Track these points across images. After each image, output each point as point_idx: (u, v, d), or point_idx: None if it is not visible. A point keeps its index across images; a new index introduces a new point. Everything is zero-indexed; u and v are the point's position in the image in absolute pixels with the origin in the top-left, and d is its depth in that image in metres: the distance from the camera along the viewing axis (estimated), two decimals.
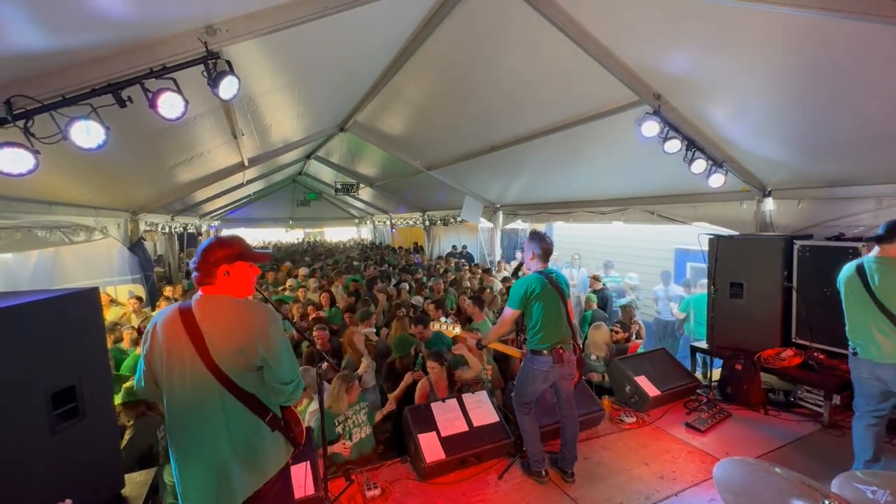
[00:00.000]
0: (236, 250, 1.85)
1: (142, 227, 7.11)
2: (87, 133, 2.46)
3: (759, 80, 3.32)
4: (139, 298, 5.88)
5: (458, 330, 3.43)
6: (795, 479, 1.39)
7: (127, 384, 3.35)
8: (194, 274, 1.85)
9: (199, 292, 1.84)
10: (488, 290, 6.72)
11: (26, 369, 1.87)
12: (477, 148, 6.63)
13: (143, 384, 1.84)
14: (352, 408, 3.31)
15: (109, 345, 4.41)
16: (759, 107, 3.65)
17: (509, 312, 3.02)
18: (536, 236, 3.07)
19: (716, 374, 4.56)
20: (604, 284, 7.23)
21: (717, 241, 4.54)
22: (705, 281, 6.65)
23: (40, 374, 1.93)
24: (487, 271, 8.51)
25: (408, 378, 3.71)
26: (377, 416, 3.49)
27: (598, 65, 3.67)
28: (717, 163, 4.26)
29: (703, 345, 4.78)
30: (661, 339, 7.24)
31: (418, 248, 14.25)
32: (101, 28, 2.41)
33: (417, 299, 6.48)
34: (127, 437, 3.13)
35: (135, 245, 6.87)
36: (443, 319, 3.58)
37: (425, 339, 4.40)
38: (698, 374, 4.76)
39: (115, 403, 3.38)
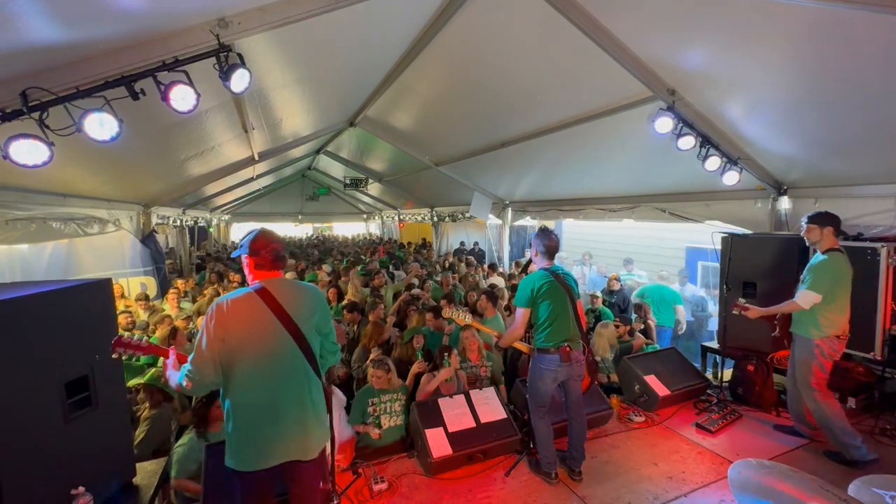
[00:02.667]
0: None
1: (154, 219, 7.20)
2: (100, 125, 2.48)
3: (776, 75, 3.24)
4: (146, 297, 5.93)
5: (468, 319, 3.40)
6: (813, 483, 1.35)
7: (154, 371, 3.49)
8: (257, 258, 2.03)
9: (256, 279, 2.05)
10: (498, 287, 6.69)
11: (41, 358, 1.90)
12: (486, 144, 6.59)
13: (204, 375, 1.85)
14: (388, 394, 3.39)
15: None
16: (776, 103, 3.57)
17: (520, 312, 2.98)
18: (542, 234, 3.04)
19: (727, 374, 4.50)
20: (622, 285, 7.05)
21: (730, 239, 4.46)
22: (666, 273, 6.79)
23: (54, 363, 1.96)
24: (493, 267, 8.48)
25: (416, 367, 3.72)
26: None
27: (611, 59, 3.61)
28: (731, 160, 4.18)
29: (715, 345, 4.72)
30: (675, 339, 7.10)
31: (426, 245, 14.26)
32: (114, 21, 2.42)
33: (416, 292, 6.49)
34: (145, 428, 3.18)
35: (147, 238, 6.95)
36: (455, 307, 3.55)
37: (441, 331, 4.42)
38: (709, 375, 4.70)
39: (140, 383, 3.47)
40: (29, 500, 1.84)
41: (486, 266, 8.89)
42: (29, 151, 2.38)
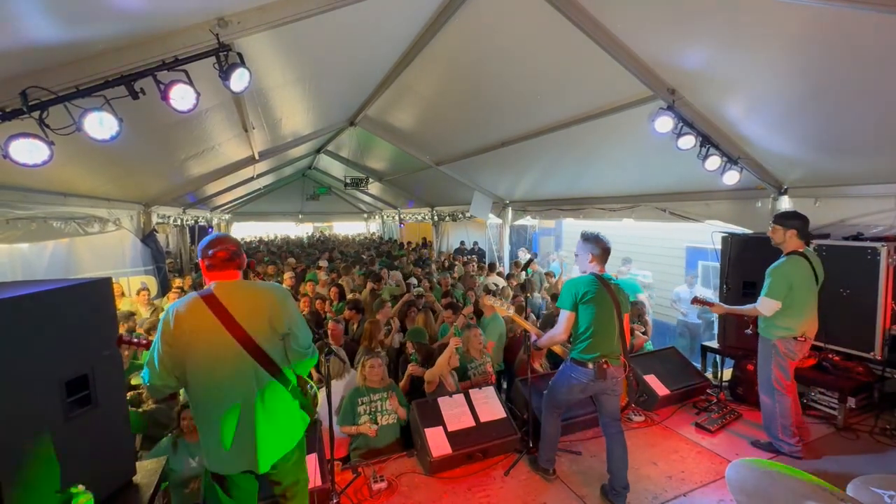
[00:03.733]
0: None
1: (154, 219, 7.20)
2: (100, 124, 2.47)
3: (777, 75, 3.23)
4: (147, 290, 5.95)
5: (511, 311, 3.24)
6: (811, 483, 1.35)
7: None
8: (209, 259, 1.99)
9: (212, 282, 2.00)
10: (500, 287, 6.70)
11: (41, 357, 1.90)
12: (486, 143, 6.59)
13: (155, 379, 1.90)
14: (378, 393, 3.35)
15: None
16: (777, 102, 3.57)
17: (565, 315, 2.74)
18: (592, 237, 2.83)
19: (727, 374, 4.50)
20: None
21: (730, 239, 4.46)
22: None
23: (54, 361, 1.96)
24: (492, 267, 8.48)
25: (411, 369, 3.75)
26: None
27: (611, 59, 3.61)
28: (731, 160, 4.17)
29: (714, 344, 4.72)
30: (677, 340, 7.02)
31: (426, 244, 14.25)
32: (114, 20, 2.42)
33: (419, 290, 6.51)
34: (148, 407, 3.30)
35: (147, 237, 6.96)
36: (497, 297, 3.43)
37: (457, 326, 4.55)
38: (709, 374, 4.70)
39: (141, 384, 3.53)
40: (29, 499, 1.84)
41: (485, 266, 8.89)
42: (29, 151, 2.38)
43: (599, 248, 2.81)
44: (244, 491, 2.02)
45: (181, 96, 2.65)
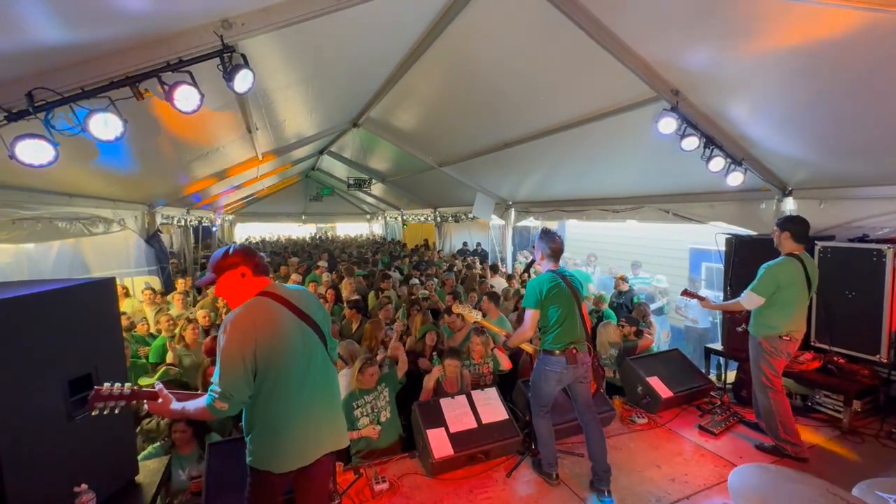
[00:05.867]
0: None
1: (158, 219, 7.23)
2: (105, 125, 2.49)
3: (782, 75, 3.22)
4: (152, 290, 5.98)
5: (479, 316, 3.39)
6: (819, 487, 1.34)
7: (170, 367, 3.81)
8: (254, 266, 2.05)
9: (258, 286, 2.03)
10: (489, 286, 6.69)
11: (45, 356, 1.92)
12: (489, 144, 6.58)
13: (239, 393, 1.82)
14: (371, 393, 3.35)
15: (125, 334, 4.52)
16: (782, 103, 3.54)
17: (530, 314, 2.89)
18: (546, 236, 3.01)
19: (731, 376, 4.47)
20: (630, 287, 6.97)
21: (734, 240, 4.44)
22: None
23: (59, 361, 1.97)
24: (494, 268, 8.46)
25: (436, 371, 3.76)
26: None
27: (614, 59, 3.60)
28: (735, 161, 4.15)
29: (718, 346, 4.69)
30: (686, 346, 6.92)
31: (427, 245, 14.25)
32: (119, 21, 2.43)
33: (424, 292, 6.52)
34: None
35: (151, 237, 6.99)
36: (466, 304, 3.57)
37: (454, 329, 4.60)
38: (712, 377, 4.67)
39: (151, 383, 3.56)
40: (32, 498, 1.85)
41: (487, 267, 8.87)
42: (34, 151, 2.40)
43: (549, 247, 2.97)
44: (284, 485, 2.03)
45: (185, 97, 2.66)
